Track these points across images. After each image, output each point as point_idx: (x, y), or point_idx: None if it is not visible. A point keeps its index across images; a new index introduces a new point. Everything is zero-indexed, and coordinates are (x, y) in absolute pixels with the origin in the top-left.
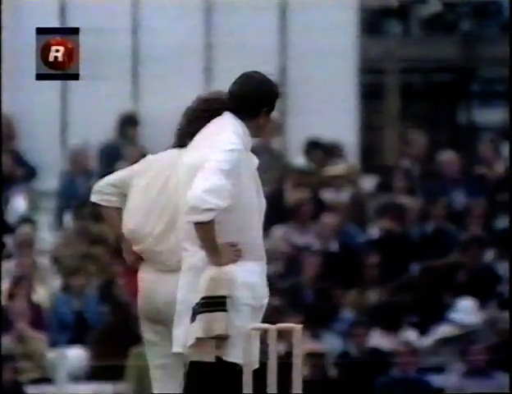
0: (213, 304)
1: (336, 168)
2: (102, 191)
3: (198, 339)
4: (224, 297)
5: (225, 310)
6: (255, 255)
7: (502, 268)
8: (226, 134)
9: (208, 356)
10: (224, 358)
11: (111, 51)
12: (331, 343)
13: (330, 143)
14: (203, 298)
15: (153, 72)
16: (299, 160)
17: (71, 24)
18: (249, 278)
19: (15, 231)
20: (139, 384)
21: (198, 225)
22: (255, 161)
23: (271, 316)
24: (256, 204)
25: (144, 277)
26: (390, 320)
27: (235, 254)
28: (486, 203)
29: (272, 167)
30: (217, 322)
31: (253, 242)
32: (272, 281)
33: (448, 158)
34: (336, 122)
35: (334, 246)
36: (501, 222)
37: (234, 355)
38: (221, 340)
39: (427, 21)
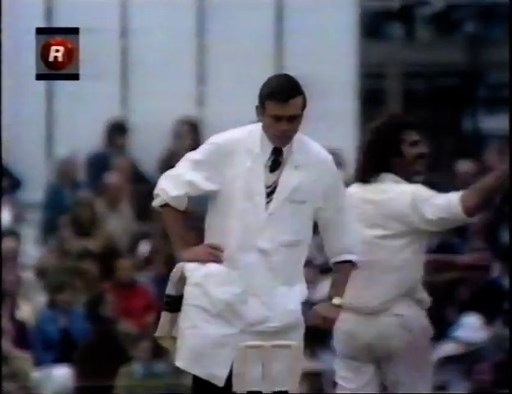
0: (164, 303)
1: None
2: None
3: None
4: (168, 296)
5: (168, 310)
6: (230, 263)
7: (508, 283)
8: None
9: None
10: (175, 363)
11: (99, 53)
12: (328, 361)
13: (328, 150)
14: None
15: (142, 76)
16: None
17: (57, 25)
18: (205, 281)
19: None
20: None
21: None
22: (256, 165)
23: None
24: (241, 210)
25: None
26: None
27: (209, 254)
28: (493, 214)
29: None
30: (160, 322)
31: (227, 251)
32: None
33: (466, 167)
34: (336, 129)
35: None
36: (507, 235)
37: (178, 359)
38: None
39: (430, 24)
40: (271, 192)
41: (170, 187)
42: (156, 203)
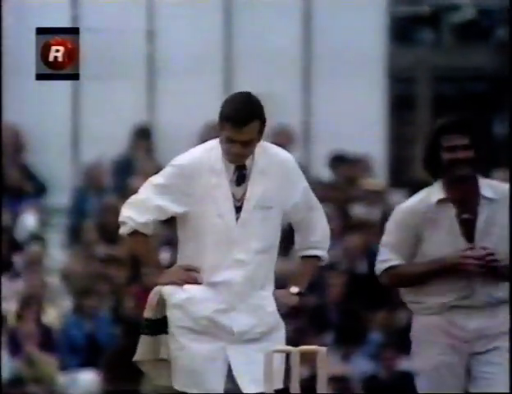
0: (142, 326)
1: (370, 182)
2: None
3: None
4: (147, 320)
5: (145, 334)
6: (208, 280)
7: None
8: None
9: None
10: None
11: (126, 61)
12: (358, 366)
13: (356, 156)
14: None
15: (169, 80)
16: (324, 174)
17: (84, 24)
18: (185, 301)
19: (24, 249)
20: None
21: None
22: (220, 181)
23: (294, 338)
24: (212, 228)
25: None
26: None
27: (184, 276)
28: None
29: None
30: (139, 346)
31: (206, 267)
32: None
33: (501, 176)
34: (365, 134)
35: (361, 266)
36: None
37: (174, 381)
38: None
39: (460, 28)
40: (241, 205)
41: (136, 214)
42: (124, 230)
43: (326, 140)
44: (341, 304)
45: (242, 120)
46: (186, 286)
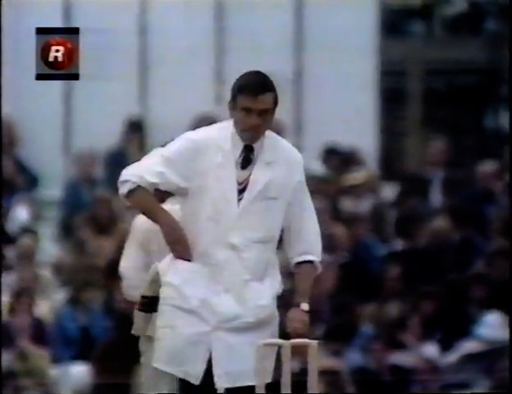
0: (139, 303)
1: (355, 176)
2: None
3: None
4: (144, 297)
5: (142, 310)
6: (202, 259)
7: None
8: None
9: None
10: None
11: (118, 53)
12: (348, 359)
13: (348, 149)
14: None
15: (161, 74)
16: (315, 167)
17: (76, 25)
18: (178, 279)
19: (16, 242)
20: None
21: (128, 199)
22: (227, 163)
23: (284, 331)
24: (212, 206)
25: None
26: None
27: (180, 247)
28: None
29: None
30: (135, 321)
31: (199, 247)
32: (286, 296)
33: (488, 168)
34: (355, 127)
35: (346, 258)
36: None
37: (155, 359)
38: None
39: (451, 21)
40: (242, 189)
41: (139, 173)
42: (125, 188)
43: (317, 133)
44: (332, 298)
45: (258, 87)
46: (181, 264)
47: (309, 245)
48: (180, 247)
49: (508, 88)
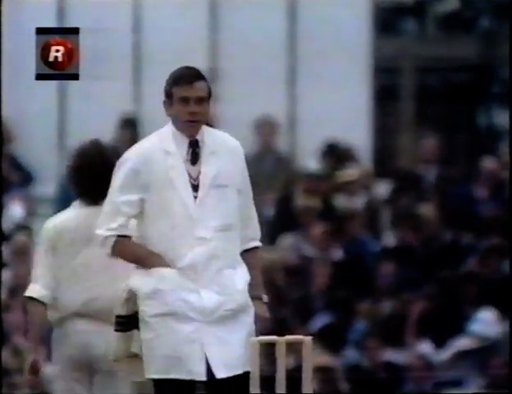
0: (114, 324)
1: (348, 173)
2: None
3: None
4: (119, 317)
5: (120, 330)
6: (174, 262)
7: None
8: None
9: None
10: (146, 375)
11: (111, 51)
12: (342, 356)
13: (343, 146)
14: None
15: (155, 72)
16: (310, 164)
17: (70, 24)
18: (153, 289)
19: (10, 239)
20: None
21: (114, 255)
22: (174, 161)
23: (279, 328)
24: (171, 208)
25: None
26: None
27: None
28: (507, 210)
29: (279, 171)
30: (113, 345)
31: (169, 253)
32: (281, 293)
33: (490, 164)
34: (349, 125)
35: (338, 255)
36: None
37: (150, 371)
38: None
39: (444, 19)
40: (198, 184)
41: (110, 224)
42: (109, 245)
43: (311, 131)
44: (326, 294)
45: (193, 76)
46: (155, 274)
47: (255, 231)
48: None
49: (508, 86)
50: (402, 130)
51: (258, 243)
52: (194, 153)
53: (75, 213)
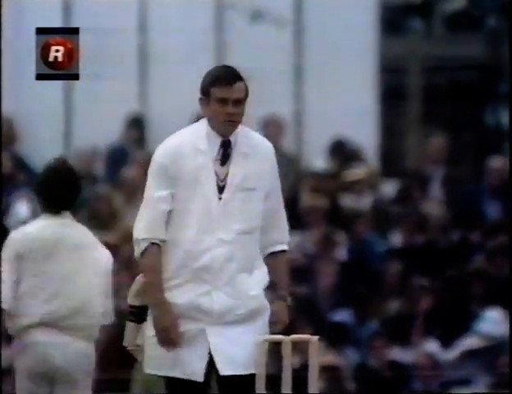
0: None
1: (355, 173)
2: None
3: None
4: (133, 307)
5: (131, 320)
6: (191, 261)
7: None
8: None
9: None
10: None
11: (117, 51)
12: (349, 355)
13: (350, 146)
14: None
15: (161, 72)
16: (317, 163)
17: (76, 24)
18: (166, 286)
19: None
20: None
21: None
22: (205, 162)
23: (285, 327)
24: (196, 206)
25: None
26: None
27: (167, 336)
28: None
29: (285, 170)
30: (126, 332)
31: (187, 246)
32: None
33: (497, 164)
34: (355, 124)
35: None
36: None
37: (150, 366)
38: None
39: (451, 18)
40: (225, 185)
41: (148, 224)
42: (139, 250)
43: (318, 130)
44: (333, 294)
45: (232, 77)
46: (166, 274)
47: (283, 234)
48: (168, 335)
49: (508, 85)
50: (409, 129)
51: (285, 246)
52: (225, 154)
53: (40, 224)
